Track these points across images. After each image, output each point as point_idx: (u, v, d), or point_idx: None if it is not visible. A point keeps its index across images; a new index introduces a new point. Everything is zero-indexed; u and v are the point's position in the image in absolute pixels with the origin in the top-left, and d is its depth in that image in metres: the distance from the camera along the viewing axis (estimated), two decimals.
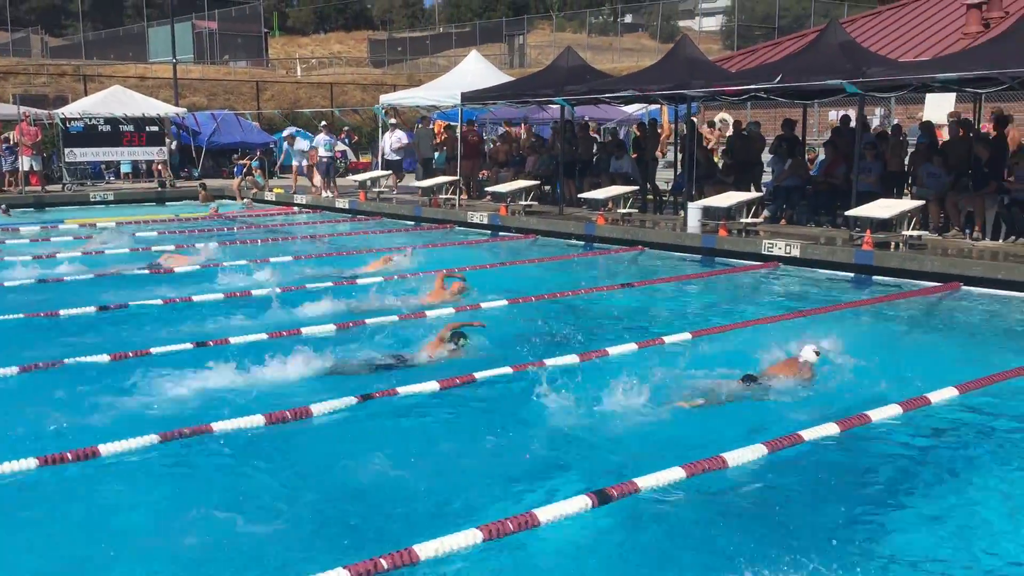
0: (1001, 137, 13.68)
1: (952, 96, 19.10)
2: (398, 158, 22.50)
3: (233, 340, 8.00)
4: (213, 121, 28.22)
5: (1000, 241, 12.68)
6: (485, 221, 17.37)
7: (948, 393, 6.52)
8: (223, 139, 27.86)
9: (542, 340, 8.33)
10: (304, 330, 8.40)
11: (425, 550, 4.10)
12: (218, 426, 5.74)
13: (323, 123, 23.52)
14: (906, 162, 14.90)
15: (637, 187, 17.00)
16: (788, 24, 47.35)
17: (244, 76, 41.80)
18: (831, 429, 5.74)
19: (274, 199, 23.06)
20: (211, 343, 7.88)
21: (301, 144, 23.31)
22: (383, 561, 3.96)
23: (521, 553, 4.37)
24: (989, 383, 6.84)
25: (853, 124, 14.94)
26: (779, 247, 12.80)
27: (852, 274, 11.98)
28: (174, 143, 26.10)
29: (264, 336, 8.18)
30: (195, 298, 9.95)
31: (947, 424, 6.21)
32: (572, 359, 7.48)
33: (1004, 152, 13.40)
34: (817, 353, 6.92)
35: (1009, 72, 11.75)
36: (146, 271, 11.97)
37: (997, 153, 13.27)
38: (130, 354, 7.45)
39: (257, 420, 5.86)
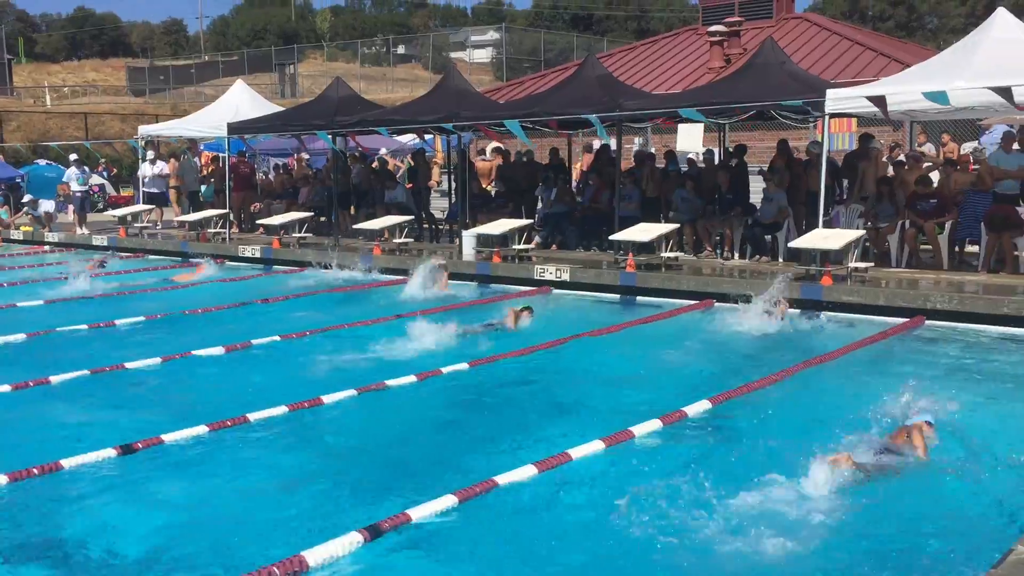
0: (742, 165, 14.88)
1: (701, 127, 20.60)
2: (159, 191, 21.43)
3: None
4: None
5: (747, 260, 13.76)
6: (258, 255, 16.85)
7: (702, 406, 6.96)
8: None
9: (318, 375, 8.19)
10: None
11: None
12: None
13: (73, 156, 21.96)
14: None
15: (412, 216, 17.09)
16: (554, 57, 49.49)
17: None
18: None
19: (21, 237, 21.27)
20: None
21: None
22: None
23: None
24: (738, 394, 7.35)
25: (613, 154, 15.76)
26: (550, 272, 13.25)
27: (618, 295, 12.59)
28: None
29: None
30: None
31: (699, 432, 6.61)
32: (351, 392, 7.42)
33: (745, 179, 14.60)
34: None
35: (741, 105, 12.83)
36: None
37: (738, 180, 14.45)
38: None
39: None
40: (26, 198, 22.06)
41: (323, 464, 6.05)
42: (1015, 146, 12.70)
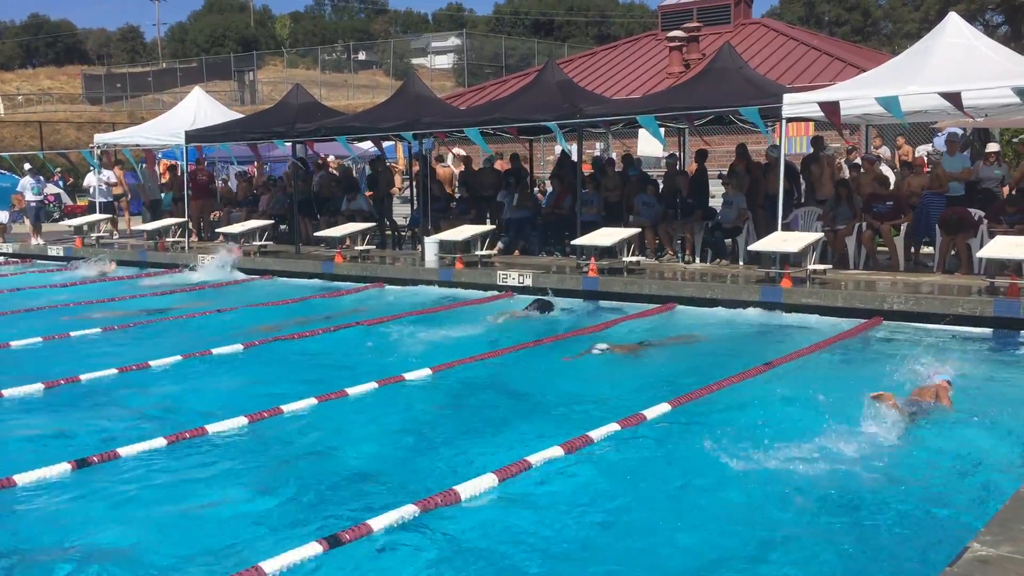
0: (702, 170, 15.01)
1: (662, 131, 20.72)
2: (108, 199, 21.25)
3: None
4: None
5: (708, 263, 13.87)
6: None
7: (662, 408, 7.00)
8: None
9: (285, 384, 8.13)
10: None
11: None
12: None
13: (27, 165, 21.62)
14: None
15: (374, 223, 17.01)
16: (516, 62, 49.64)
17: None
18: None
19: None
20: None
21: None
22: None
23: None
24: (699, 396, 7.40)
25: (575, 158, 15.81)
26: (513, 277, 13.26)
27: (582, 300, 12.61)
28: None
29: None
30: None
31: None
32: (311, 402, 7.38)
33: (705, 184, 14.73)
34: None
35: (699, 112, 12.96)
36: None
37: (698, 184, 14.57)
38: None
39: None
40: None
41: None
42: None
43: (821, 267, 11.87)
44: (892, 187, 13.56)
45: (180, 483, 5.81)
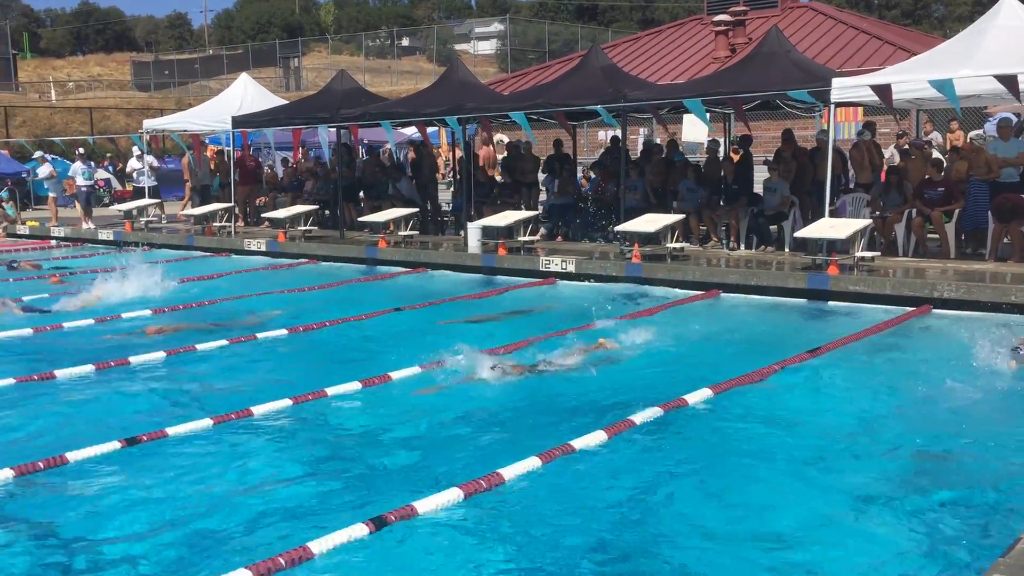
0: (747, 156, 14.84)
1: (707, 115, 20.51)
2: (154, 183, 21.74)
3: None
4: None
5: (753, 250, 13.73)
6: (263, 248, 16.86)
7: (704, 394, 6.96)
8: None
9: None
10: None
11: None
12: None
13: (79, 150, 22.07)
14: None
15: (417, 209, 17.08)
16: (558, 48, 49.40)
17: None
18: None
19: (28, 232, 21.35)
20: None
21: (43, 171, 21.93)
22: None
23: None
24: (740, 383, 7.34)
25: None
26: (556, 263, 13.23)
27: (624, 286, 12.55)
28: None
29: None
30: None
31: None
32: (355, 385, 7.44)
33: (750, 170, 14.55)
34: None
35: (746, 95, 12.78)
36: None
37: (743, 170, 14.41)
38: None
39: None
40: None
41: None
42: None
43: (869, 254, 11.69)
44: (943, 173, 13.29)
45: (227, 463, 5.89)
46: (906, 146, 15.53)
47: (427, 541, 4.66)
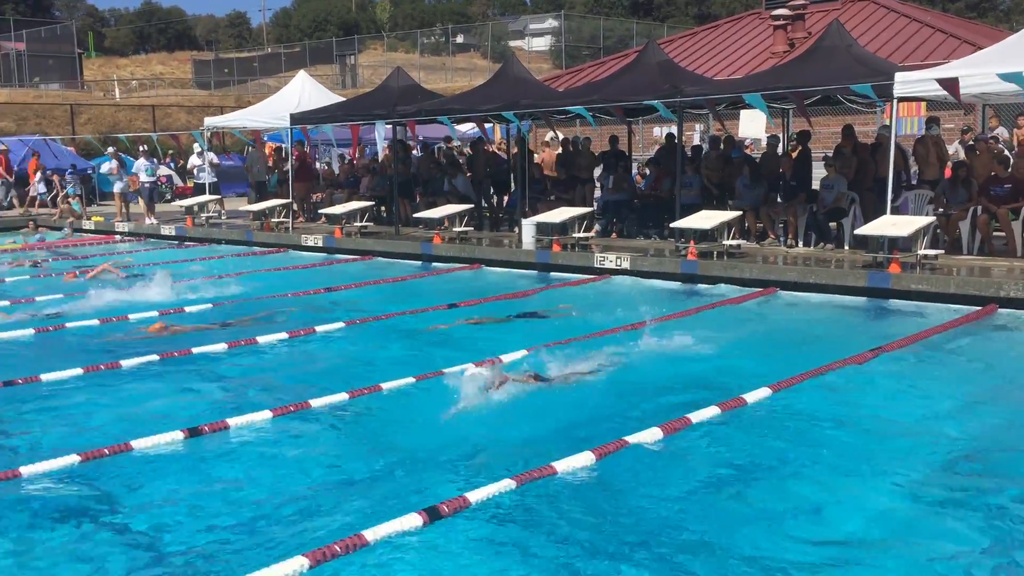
0: (806, 152, 14.60)
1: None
2: (214, 179, 22.19)
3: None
4: (24, 147, 26.56)
5: (812, 247, 13.52)
6: (320, 244, 17.07)
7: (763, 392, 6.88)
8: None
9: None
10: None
11: None
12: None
13: (143, 147, 22.57)
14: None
15: (472, 205, 17.13)
16: (613, 44, 49.13)
17: (57, 99, 39.47)
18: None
19: (93, 227, 21.90)
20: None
21: (106, 168, 22.52)
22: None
23: None
24: (800, 380, 7.24)
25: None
26: (610, 260, 13.18)
27: (679, 283, 12.45)
28: None
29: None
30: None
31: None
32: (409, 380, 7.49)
33: (808, 166, 14.32)
34: None
35: (807, 90, 12.56)
36: None
37: (802, 166, 14.18)
38: None
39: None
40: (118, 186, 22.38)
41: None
42: None
43: (932, 252, 11.43)
44: (1011, 169, 12.94)
45: (284, 454, 5.99)
46: (971, 142, 15.16)
47: (478, 531, 4.70)
